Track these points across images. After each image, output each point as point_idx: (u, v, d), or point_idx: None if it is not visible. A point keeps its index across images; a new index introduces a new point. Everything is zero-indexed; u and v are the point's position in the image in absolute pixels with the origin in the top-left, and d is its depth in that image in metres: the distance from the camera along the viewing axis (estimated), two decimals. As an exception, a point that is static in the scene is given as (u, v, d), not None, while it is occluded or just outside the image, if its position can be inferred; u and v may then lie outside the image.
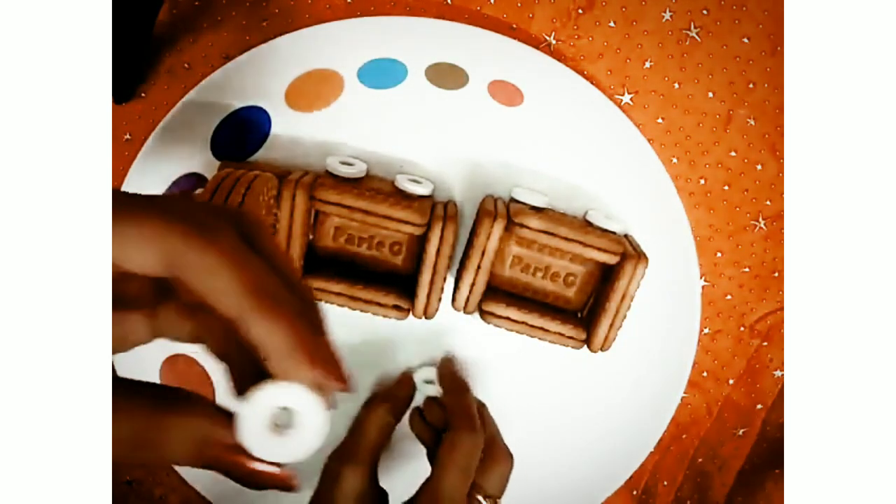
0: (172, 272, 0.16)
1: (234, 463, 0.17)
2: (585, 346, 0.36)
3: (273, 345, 0.16)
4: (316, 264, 0.35)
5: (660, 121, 0.40)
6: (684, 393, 0.41)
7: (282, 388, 0.17)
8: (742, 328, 0.43)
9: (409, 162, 0.38)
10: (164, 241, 0.16)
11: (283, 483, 0.17)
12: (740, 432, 0.44)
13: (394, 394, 0.35)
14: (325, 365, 0.17)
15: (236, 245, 0.17)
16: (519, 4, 0.39)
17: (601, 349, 0.35)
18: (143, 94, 0.38)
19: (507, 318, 0.35)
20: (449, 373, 0.37)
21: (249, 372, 0.18)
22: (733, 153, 0.41)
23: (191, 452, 0.17)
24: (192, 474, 0.39)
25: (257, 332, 0.16)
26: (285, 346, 0.16)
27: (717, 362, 0.43)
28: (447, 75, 0.38)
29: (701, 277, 0.41)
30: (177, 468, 0.39)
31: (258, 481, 0.17)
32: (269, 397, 0.17)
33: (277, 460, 0.17)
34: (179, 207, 0.17)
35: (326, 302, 0.35)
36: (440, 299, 0.35)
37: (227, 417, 0.17)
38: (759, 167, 0.41)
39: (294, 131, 0.37)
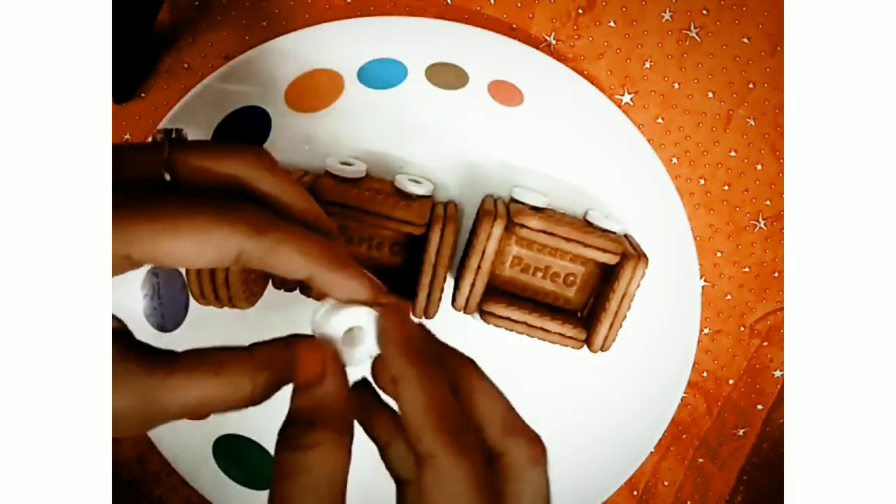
0: (239, 264, 0.20)
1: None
2: (585, 346, 0.36)
3: (343, 293, 0.21)
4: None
5: (660, 121, 0.41)
6: (684, 393, 0.41)
7: (351, 312, 0.22)
8: (742, 328, 0.43)
9: (409, 162, 0.38)
10: (225, 240, 0.19)
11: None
12: (740, 432, 0.44)
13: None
14: (379, 293, 0.22)
15: (283, 225, 0.20)
16: (519, 4, 0.39)
17: (601, 349, 0.35)
18: (143, 94, 0.38)
19: (507, 319, 0.35)
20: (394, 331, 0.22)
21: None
22: (733, 153, 0.41)
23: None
24: (192, 474, 0.39)
25: (328, 289, 0.21)
26: (356, 292, 0.21)
27: (717, 362, 0.43)
28: (447, 75, 0.38)
29: (701, 277, 0.41)
30: (177, 469, 0.39)
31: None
32: (343, 320, 0.22)
33: (351, 364, 0.22)
34: (224, 206, 0.20)
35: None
36: (440, 299, 0.35)
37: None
38: (759, 167, 0.41)
39: (294, 131, 0.37)
